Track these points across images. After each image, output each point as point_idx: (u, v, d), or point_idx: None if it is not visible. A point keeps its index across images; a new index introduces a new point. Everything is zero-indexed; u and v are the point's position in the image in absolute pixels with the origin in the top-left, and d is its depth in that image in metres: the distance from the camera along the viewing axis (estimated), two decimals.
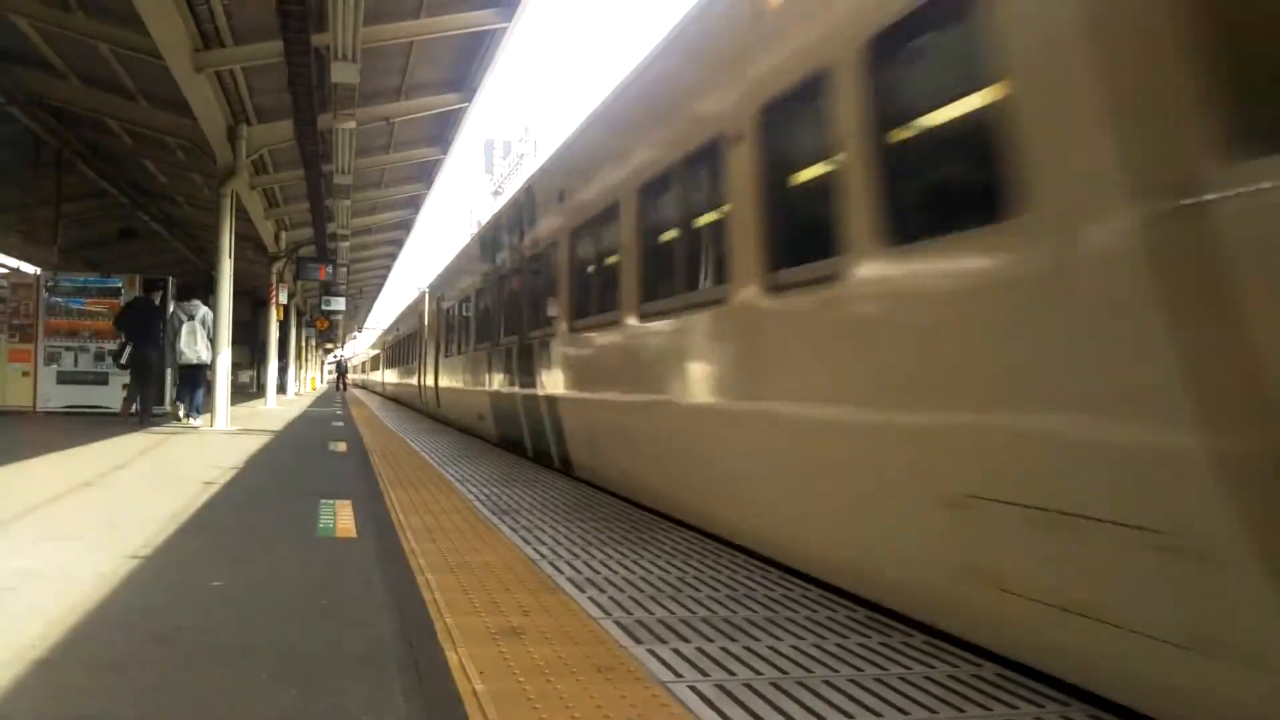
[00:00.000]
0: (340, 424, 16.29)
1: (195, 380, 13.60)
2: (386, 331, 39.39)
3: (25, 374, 15.91)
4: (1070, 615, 2.65)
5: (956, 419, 3.14)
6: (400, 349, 28.91)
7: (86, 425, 13.22)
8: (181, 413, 13.64)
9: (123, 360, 13.97)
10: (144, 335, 13.95)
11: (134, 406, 13.99)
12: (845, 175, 3.80)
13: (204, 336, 13.22)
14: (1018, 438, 2.85)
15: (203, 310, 13.38)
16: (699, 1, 5.65)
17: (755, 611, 3.63)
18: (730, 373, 5.03)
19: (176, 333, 13.27)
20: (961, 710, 2.59)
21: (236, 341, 16.01)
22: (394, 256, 34.03)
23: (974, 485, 3.01)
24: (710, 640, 3.23)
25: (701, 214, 5.47)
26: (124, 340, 13.92)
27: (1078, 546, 2.60)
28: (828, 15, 4.00)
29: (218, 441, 11.46)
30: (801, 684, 2.79)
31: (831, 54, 3.89)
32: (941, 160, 3.54)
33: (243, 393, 29.92)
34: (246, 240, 19.67)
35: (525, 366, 9.80)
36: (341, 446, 11.16)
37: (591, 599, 3.78)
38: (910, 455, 3.39)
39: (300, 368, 38.80)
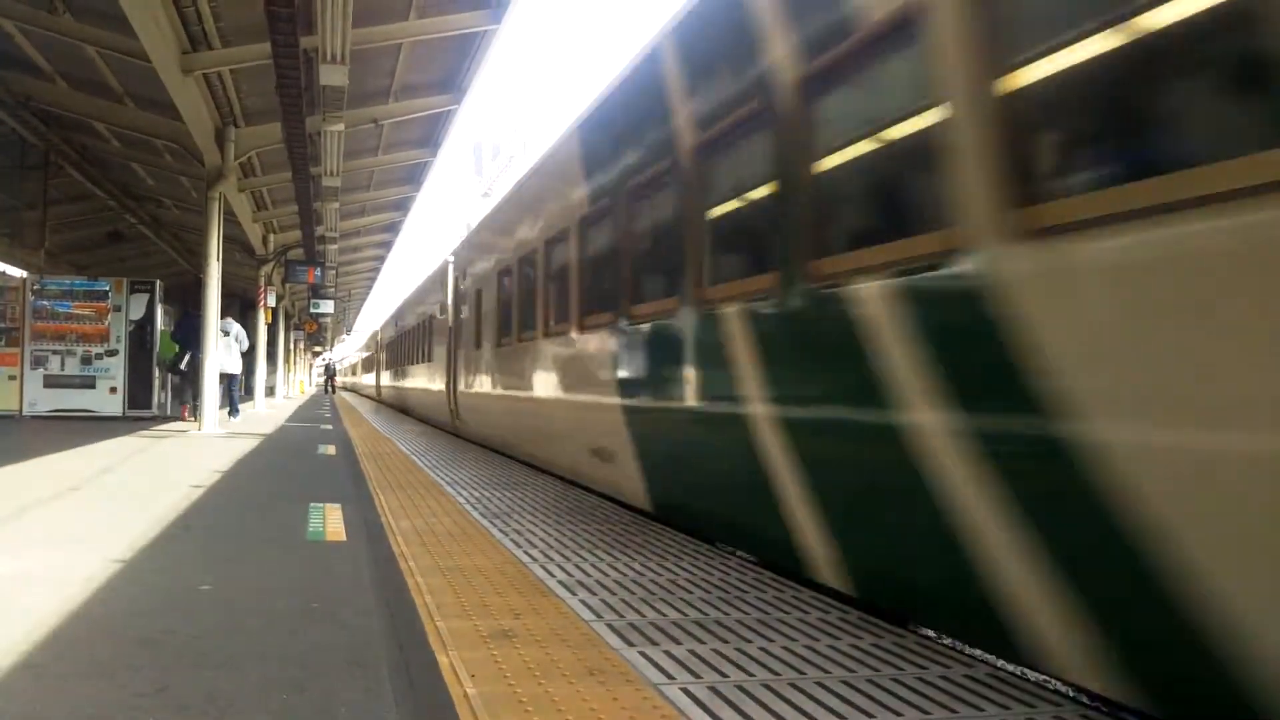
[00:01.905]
0: (329, 427, 16.24)
1: (227, 387, 15.76)
2: (359, 350, 59.16)
3: (12, 378, 15.82)
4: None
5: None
6: (366, 364, 46.96)
7: (74, 429, 13.15)
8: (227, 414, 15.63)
9: (182, 367, 15.49)
10: (199, 345, 14.64)
11: (190, 406, 15.45)
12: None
13: (237, 350, 15.85)
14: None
15: (236, 327, 15.92)
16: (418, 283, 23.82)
17: (747, 613, 3.63)
18: (427, 378, 19.03)
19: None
20: (954, 710, 2.59)
21: None
22: (382, 259, 33.94)
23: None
24: (702, 642, 3.22)
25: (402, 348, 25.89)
26: (180, 350, 15.57)
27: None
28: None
29: (206, 444, 11.41)
30: (794, 685, 2.79)
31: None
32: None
33: None
34: (234, 243, 19.60)
35: (410, 378, 22.43)
36: (331, 449, 11.12)
37: (583, 601, 3.77)
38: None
39: (289, 371, 38.67)
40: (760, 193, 4.50)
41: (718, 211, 5.01)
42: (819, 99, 3.94)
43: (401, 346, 24.72)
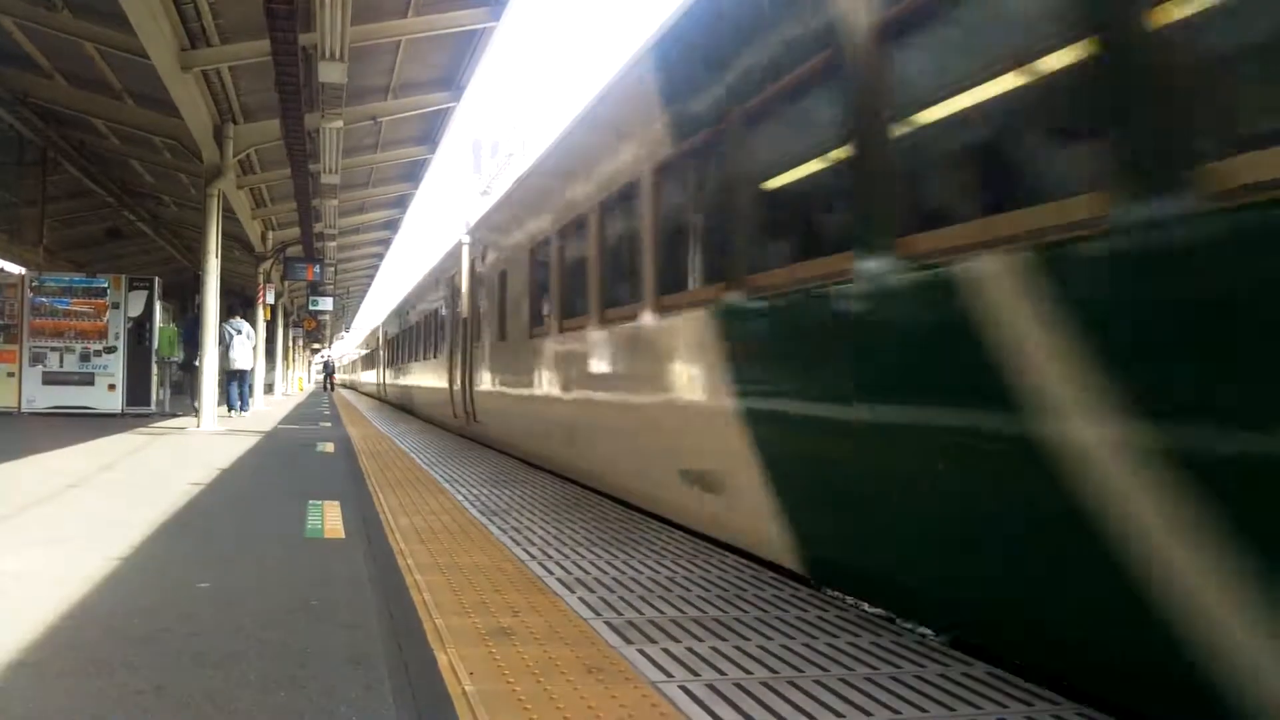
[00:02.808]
0: (328, 424, 16.23)
1: (240, 381, 16.86)
2: (357, 348, 58.33)
3: (10, 375, 15.81)
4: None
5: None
6: (360, 364, 49.77)
7: (72, 426, 13.14)
8: (226, 409, 16.38)
9: (197, 363, 15.43)
10: (215, 342, 15.11)
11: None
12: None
13: (250, 348, 16.92)
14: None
15: (246, 326, 17.07)
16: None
17: (745, 611, 3.63)
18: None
19: (229, 344, 16.16)
20: (952, 709, 2.59)
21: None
22: (381, 256, 33.91)
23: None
24: (700, 640, 3.22)
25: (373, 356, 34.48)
26: (191, 351, 16.08)
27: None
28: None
29: (205, 442, 11.40)
30: (792, 683, 2.79)
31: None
32: None
33: None
34: (233, 240, 19.59)
35: (395, 375, 25.49)
36: (329, 447, 11.12)
37: (581, 599, 3.77)
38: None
39: (288, 368, 38.65)
40: None
41: None
42: None
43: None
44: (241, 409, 16.83)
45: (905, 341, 3.41)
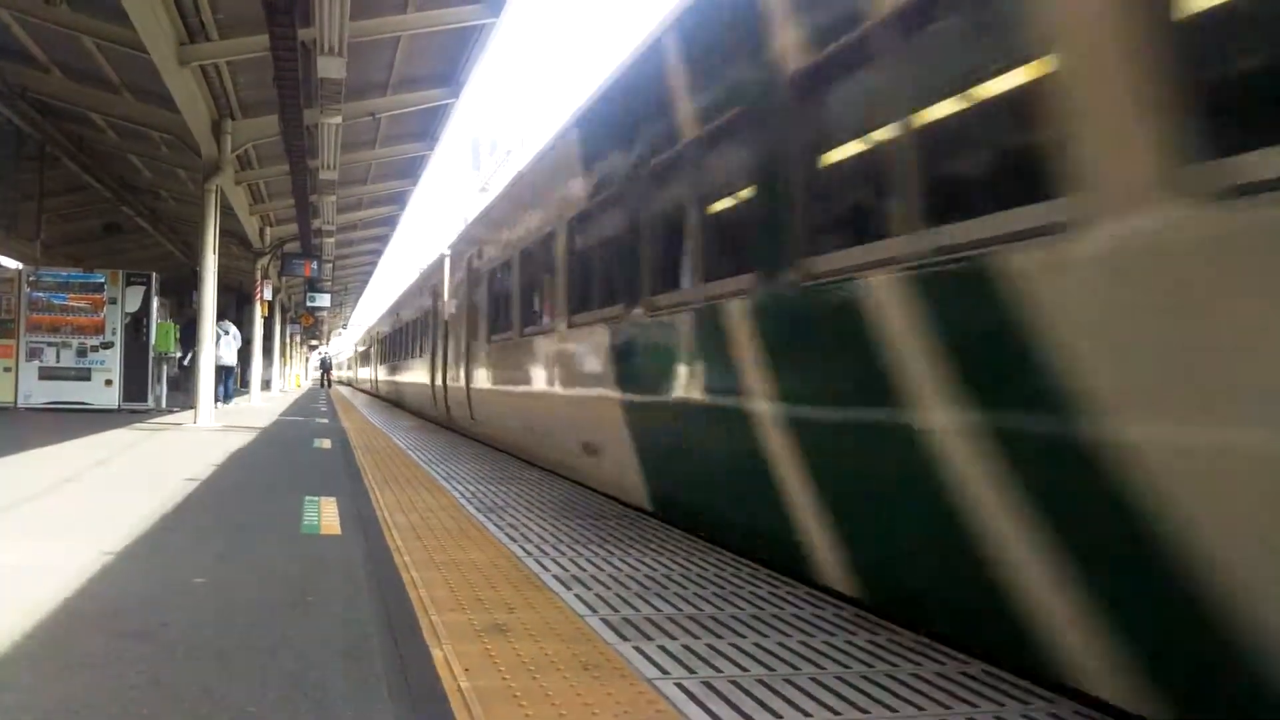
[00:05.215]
0: (325, 420, 16.22)
1: (225, 377, 18.28)
2: (353, 346, 61.06)
3: (7, 370, 15.79)
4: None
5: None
6: (356, 361, 51.93)
7: (69, 421, 13.12)
8: (217, 403, 17.42)
9: (186, 363, 17.38)
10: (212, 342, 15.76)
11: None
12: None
13: (235, 347, 18.99)
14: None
15: (234, 328, 18.96)
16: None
17: (742, 609, 3.63)
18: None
19: (215, 344, 16.89)
20: (948, 708, 2.59)
21: None
22: (379, 253, 33.87)
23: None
24: (697, 637, 3.22)
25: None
26: (185, 350, 17.60)
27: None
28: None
29: (202, 438, 11.38)
30: (789, 681, 2.78)
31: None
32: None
33: None
34: (231, 236, 19.54)
35: (387, 372, 26.77)
36: (326, 443, 11.11)
37: (578, 596, 3.76)
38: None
39: (285, 364, 38.63)
40: None
41: None
42: None
43: None
44: (226, 400, 18.46)
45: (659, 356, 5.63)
